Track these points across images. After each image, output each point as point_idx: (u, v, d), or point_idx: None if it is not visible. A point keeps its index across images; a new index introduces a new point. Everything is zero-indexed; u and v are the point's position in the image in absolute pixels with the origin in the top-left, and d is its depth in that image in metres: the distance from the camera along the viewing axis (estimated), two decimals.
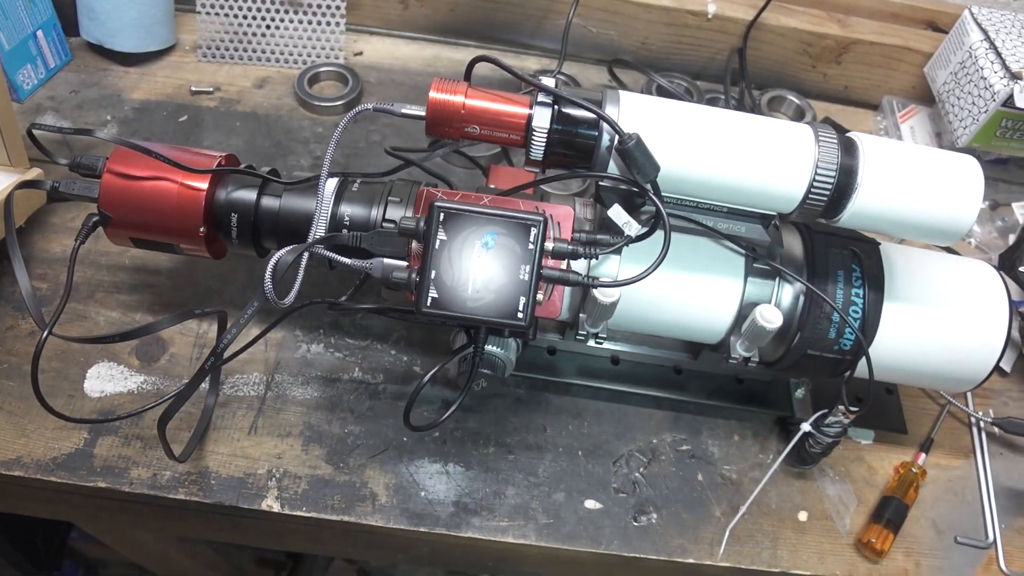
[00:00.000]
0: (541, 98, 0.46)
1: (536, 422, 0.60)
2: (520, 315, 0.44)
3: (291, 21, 0.78)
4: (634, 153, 0.44)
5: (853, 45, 0.83)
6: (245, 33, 0.78)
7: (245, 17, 0.77)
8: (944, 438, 0.65)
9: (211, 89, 0.76)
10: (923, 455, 0.63)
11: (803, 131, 0.47)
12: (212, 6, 0.76)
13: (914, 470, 0.61)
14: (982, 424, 0.66)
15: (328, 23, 0.78)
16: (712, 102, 0.82)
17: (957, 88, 0.76)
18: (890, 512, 0.59)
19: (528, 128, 0.46)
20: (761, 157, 0.46)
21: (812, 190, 0.46)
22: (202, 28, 0.77)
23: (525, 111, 0.46)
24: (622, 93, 0.47)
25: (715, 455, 0.61)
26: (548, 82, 0.46)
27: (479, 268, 0.44)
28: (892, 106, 0.84)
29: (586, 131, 0.46)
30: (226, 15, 0.77)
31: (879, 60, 0.83)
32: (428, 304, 0.44)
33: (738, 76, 0.82)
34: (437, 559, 0.62)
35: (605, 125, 0.45)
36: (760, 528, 0.58)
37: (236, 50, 0.78)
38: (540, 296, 0.45)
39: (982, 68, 0.72)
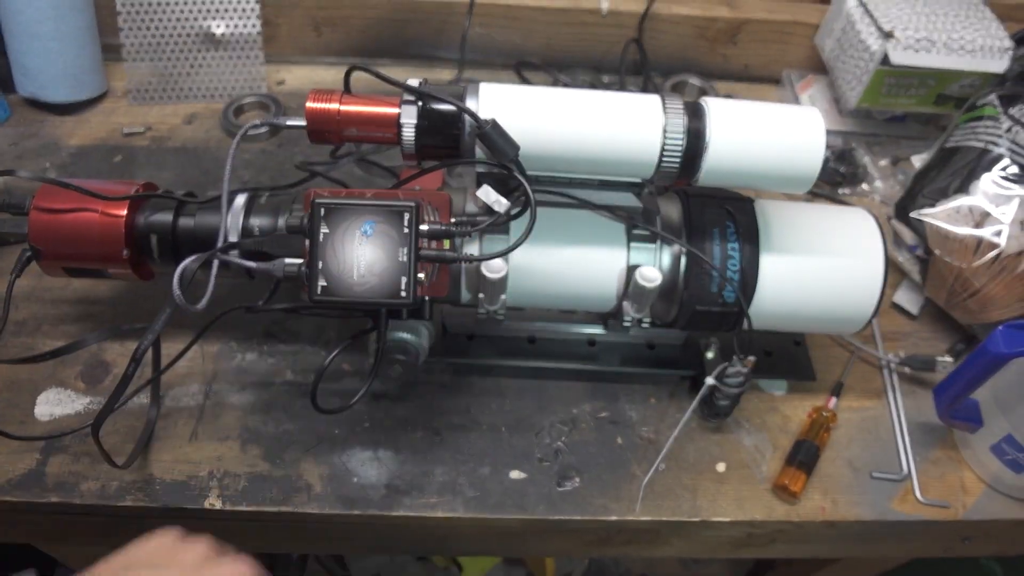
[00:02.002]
0: (406, 97, 0.50)
1: (461, 404, 0.64)
2: (403, 293, 0.48)
3: (213, 58, 0.83)
4: (492, 136, 0.48)
5: (744, 25, 0.87)
6: (171, 74, 0.83)
7: (169, 59, 0.82)
8: (856, 382, 0.68)
9: (142, 129, 0.81)
10: (834, 399, 0.66)
11: (651, 101, 0.51)
12: (137, 52, 0.81)
13: (824, 414, 0.64)
14: (892, 365, 0.69)
15: (248, 57, 0.83)
16: None
17: (842, 54, 0.80)
18: (802, 455, 0.62)
19: (398, 125, 0.50)
20: (613, 128, 0.50)
21: (664, 154, 0.50)
22: (130, 73, 0.82)
23: (394, 110, 0.51)
24: (482, 84, 0.51)
25: (633, 418, 0.64)
26: (413, 82, 0.50)
27: (362, 255, 0.48)
28: (791, 78, 0.89)
29: (450, 122, 0.50)
30: (151, 59, 0.82)
31: (772, 36, 0.88)
32: (319, 292, 0.48)
33: (640, 65, 0.86)
34: (382, 544, 0.65)
35: (465, 114, 0.49)
36: (680, 482, 0.61)
37: (164, 91, 0.83)
38: (422, 276, 0.49)
39: (859, 32, 0.77)
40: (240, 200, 0.57)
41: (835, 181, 0.81)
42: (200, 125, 0.83)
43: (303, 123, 0.51)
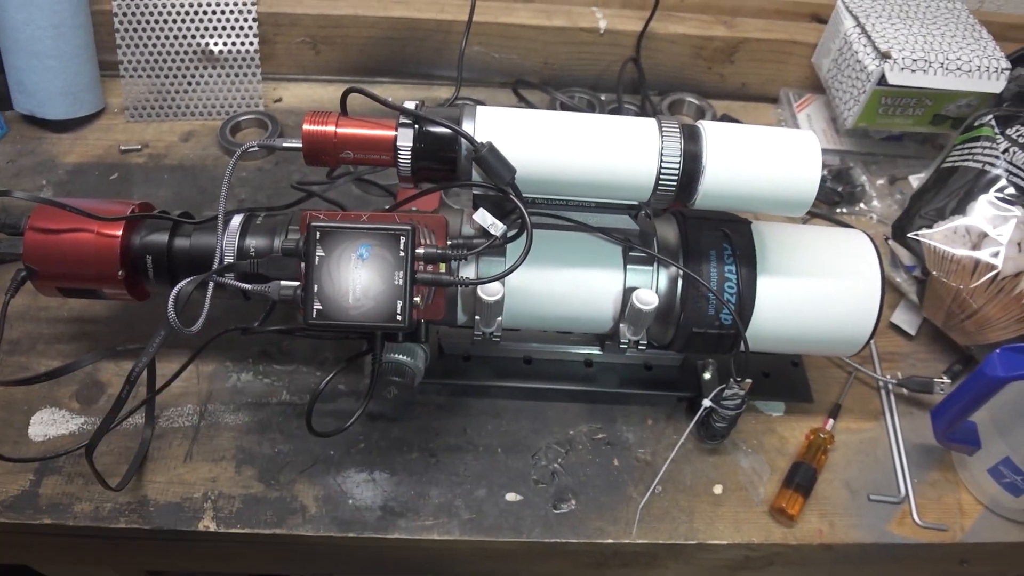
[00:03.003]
0: (403, 120, 0.50)
1: (457, 425, 0.63)
2: (399, 317, 0.48)
3: (210, 76, 0.83)
4: (488, 159, 0.48)
5: (742, 44, 0.87)
6: (168, 91, 0.83)
7: (167, 76, 0.82)
8: (854, 404, 0.68)
9: (139, 147, 0.81)
10: (831, 421, 0.66)
11: (647, 125, 0.51)
12: (135, 69, 0.81)
13: (822, 436, 0.64)
14: (889, 386, 0.69)
15: (245, 74, 0.83)
16: (614, 111, 0.87)
17: (839, 73, 0.81)
18: (799, 477, 0.61)
19: (395, 148, 0.50)
20: (609, 152, 0.50)
21: (661, 177, 0.50)
22: (127, 91, 0.82)
23: (391, 133, 0.51)
24: (478, 108, 0.51)
25: (630, 440, 0.64)
26: (410, 104, 0.50)
27: (357, 278, 0.48)
28: (788, 97, 0.89)
29: (446, 145, 0.50)
30: (148, 76, 0.82)
31: (769, 55, 0.88)
32: (314, 316, 0.48)
33: (638, 84, 0.87)
34: (377, 567, 0.65)
35: (462, 138, 0.49)
36: (676, 504, 0.61)
37: (161, 108, 0.83)
38: (418, 299, 0.49)
39: (856, 52, 0.77)
40: (236, 220, 0.57)
41: (832, 200, 0.81)
42: (197, 143, 0.83)
43: (299, 145, 0.51)
